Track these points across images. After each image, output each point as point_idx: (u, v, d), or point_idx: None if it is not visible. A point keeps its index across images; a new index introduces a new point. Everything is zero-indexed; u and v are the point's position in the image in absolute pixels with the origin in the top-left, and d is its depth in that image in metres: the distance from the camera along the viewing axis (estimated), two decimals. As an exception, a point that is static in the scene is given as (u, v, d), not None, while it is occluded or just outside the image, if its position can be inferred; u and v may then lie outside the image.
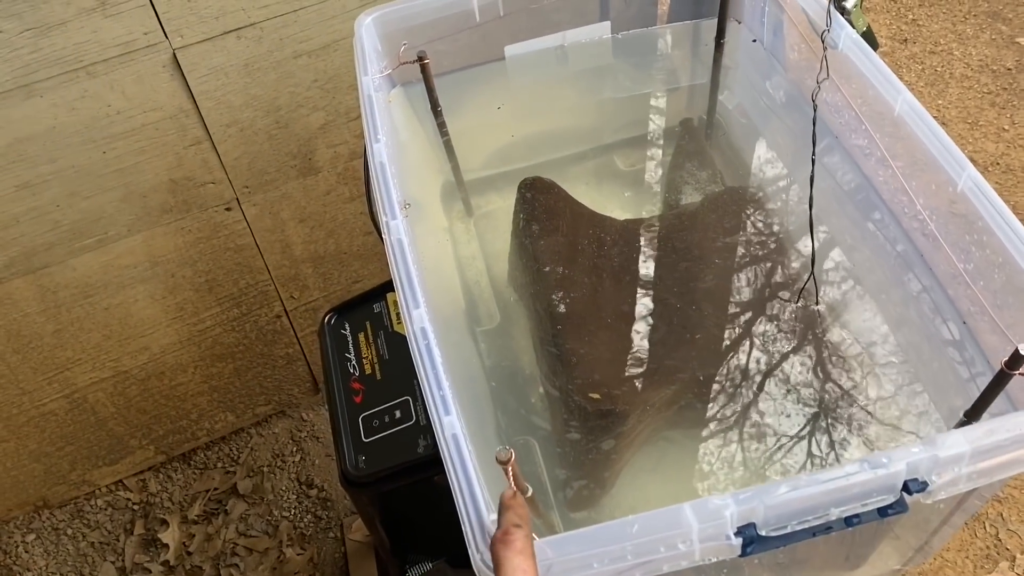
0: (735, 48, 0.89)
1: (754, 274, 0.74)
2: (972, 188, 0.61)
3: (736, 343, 0.71)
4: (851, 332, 0.73)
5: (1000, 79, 2.26)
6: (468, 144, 0.92)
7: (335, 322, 0.82)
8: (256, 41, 1.03)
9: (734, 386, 0.70)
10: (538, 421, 0.76)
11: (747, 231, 0.77)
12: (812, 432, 0.70)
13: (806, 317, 0.72)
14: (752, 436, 0.70)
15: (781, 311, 0.73)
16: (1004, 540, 1.48)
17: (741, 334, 0.72)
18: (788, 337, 0.72)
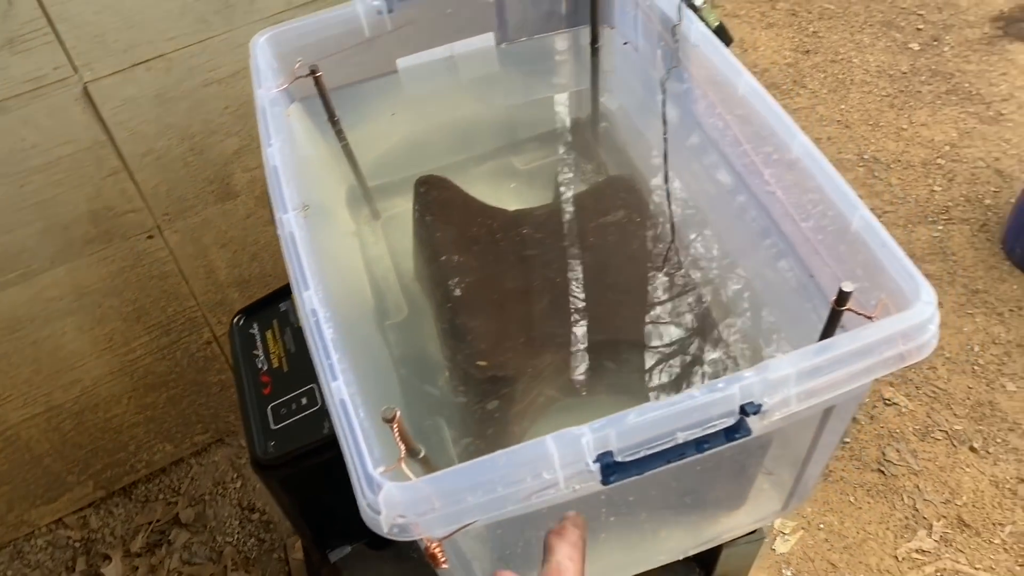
0: (610, 52, 0.97)
1: (629, 248, 0.81)
2: (804, 153, 0.68)
3: (615, 310, 0.77)
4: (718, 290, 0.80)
5: (897, 82, 2.40)
6: (371, 153, 0.98)
7: (243, 323, 0.86)
8: (166, 72, 1.08)
9: (617, 349, 0.76)
10: (444, 400, 0.81)
11: (622, 211, 0.83)
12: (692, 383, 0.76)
13: (676, 281, 0.79)
14: (640, 393, 0.76)
15: (653, 278, 0.79)
16: (921, 510, 1.55)
17: (617, 302, 0.78)
18: (663, 301, 0.78)
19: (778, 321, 0.77)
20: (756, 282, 0.80)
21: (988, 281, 1.93)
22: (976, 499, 1.56)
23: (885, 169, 2.18)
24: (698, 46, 0.80)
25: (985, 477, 1.59)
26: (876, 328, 0.56)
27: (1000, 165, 2.15)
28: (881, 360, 0.56)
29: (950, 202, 2.09)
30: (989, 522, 1.53)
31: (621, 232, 0.81)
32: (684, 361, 0.76)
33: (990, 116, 2.28)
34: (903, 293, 0.59)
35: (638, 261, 0.80)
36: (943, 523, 1.54)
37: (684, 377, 0.76)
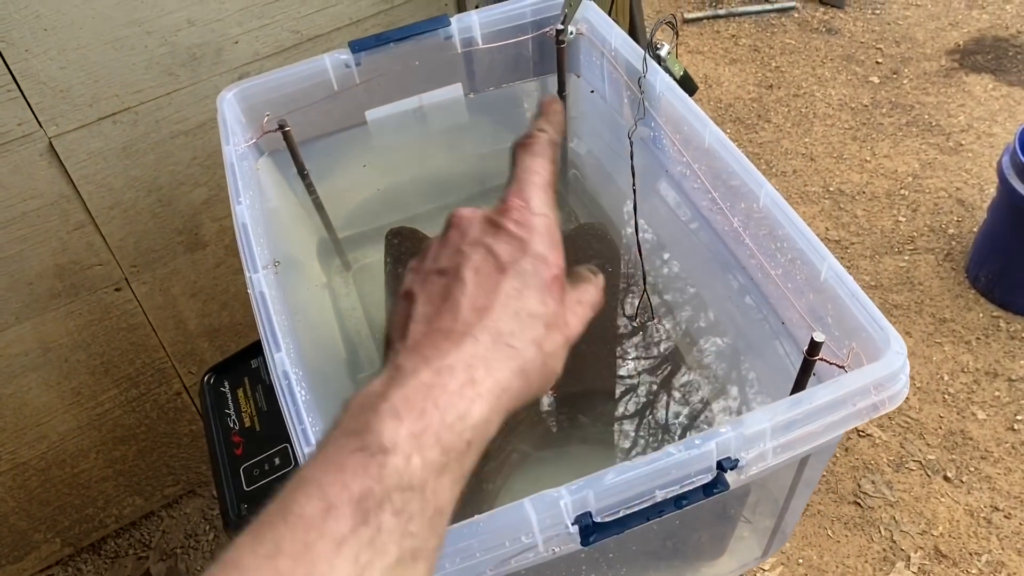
0: (578, 100, 0.98)
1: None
2: (771, 202, 0.69)
3: (588, 362, 0.77)
4: (693, 341, 0.80)
5: (859, 115, 2.45)
6: (341, 204, 0.98)
7: (214, 381, 0.85)
8: (132, 125, 1.08)
9: (591, 401, 0.76)
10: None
11: (594, 260, 0.84)
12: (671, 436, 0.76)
13: (650, 332, 0.79)
14: (617, 445, 0.76)
15: (627, 329, 0.79)
16: (898, 541, 1.56)
17: (591, 354, 0.78)
18: (636, 352, 0.78)
19: (752, 368, 0.77)
20: (729, 330, 0.80)
21: (955, 310, 1.96)
22: (952, 529, 1.57)
23: (850, 201, 2.22)
24: (663, 96, 0.81)
25: (960, 506, 1.60)
26: (849, 379, 0.56)
27: (962, 195, 2.20)
28: (855, 411, 0.57)
29: (915, 232, 2.12)
30: (966, 552, 1.54)
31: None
32: (658, 412, 0.76)
33: (950, 147, 2.33)
34: (873, 342, 0.60)
35: (611, 311, 0.80)
36: (920, 554, 1.54)
37: (659, 428, 0.76)
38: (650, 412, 0.76)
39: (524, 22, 0.92)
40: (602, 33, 0.89)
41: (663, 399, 0.77)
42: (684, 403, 0.76)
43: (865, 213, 2.18)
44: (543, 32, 0.93)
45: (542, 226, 0.41)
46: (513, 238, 0.39)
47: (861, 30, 2.75)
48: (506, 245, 0.39)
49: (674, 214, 0.86)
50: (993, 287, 1.94)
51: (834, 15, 2.82)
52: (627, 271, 0.85)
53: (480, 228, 0.40)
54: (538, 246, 0.39)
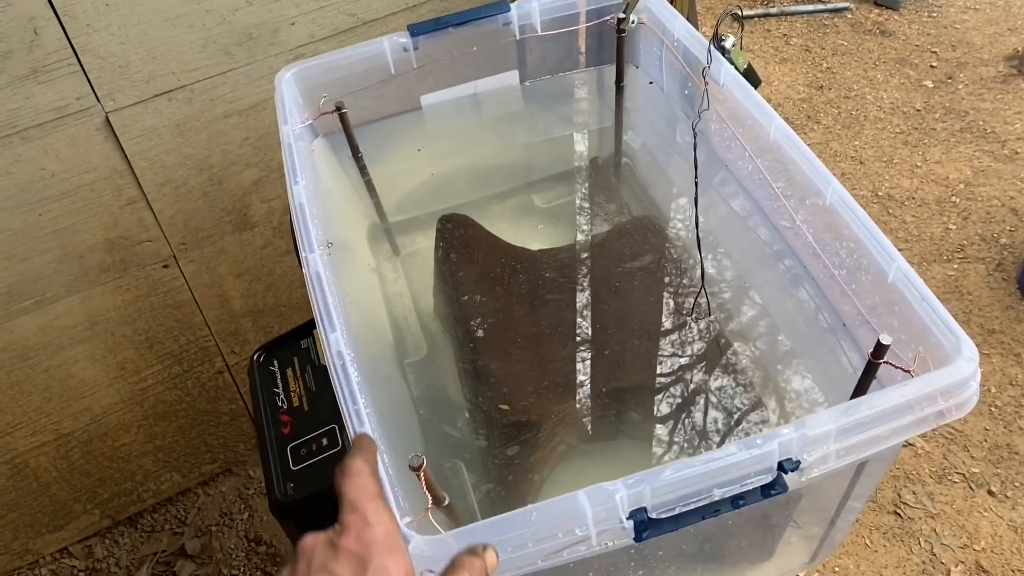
0: (635, 91, 0.96)
1: (653, 293, 0.80)
2: (838, 200, 0.67)
3: (639, 357, 0.76)
4: (747, 339, 0.79)
5: (911, 120, 2.40)
6: (392, 189, 0.98)
7: (263, 360, 0.85)
8: (187, 102, 1.08)
9: (641, 397, 0.75)
10: (464, 441, 0.80)
11: (648, 254, 0.82)
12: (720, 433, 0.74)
13: (704, 328, 0.78)
14: (666, 441, 0.75)
15: (680, 325, 0.78)
16: (939, 554, 1.53)
17: (643, 348, 0.77)
18: (689, 348, 0.77)
19: (808, 369, 0.75)
20: (785, 329, 0.78)
21: (1004, 321, 1.91)
22: (995, 544, 1.54)
23: (899, 206, 2.18)
24: (727, 88, 0.80)
25: (1003, 522, 1.56)
26: (917, 384, 0.54)
27: (1015, 204, 2.14)
28: (921, 417, 0.55)
29: (965, 241, 2.08)
30: (1008, 568, 1.50)
31: (647, 276, 0.80)
32: (709, 410, 0.75)
33: (1005, 155, 2.27)
34: (942, 348, 0.58)
35: (665, 307, 0.79)
36: (961, 568, 1.51)
37: (709, 426, 0.74)
38: (700, 409, 0.75)
39: (584, 10, 0.91)
40: (664, 23, 0.87)
41: (714, 397, 0.76)
42: (735, 401, 0.75)
43: (914, 219, 2.14)
44: (603, 21, 0.92)
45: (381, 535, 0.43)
46: (353, 556, 0.42)
47: (916, 33, 2.69)
48: (347, 565, 0.41)
49: (731, 209, 0.85)
50: (1046, 299, 1.89)
51: (888, 16, 2.77)
52: (680, 265, 0.84)
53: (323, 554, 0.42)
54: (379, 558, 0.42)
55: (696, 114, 0.77)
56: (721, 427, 0.74)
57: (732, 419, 0.74)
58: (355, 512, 0.44)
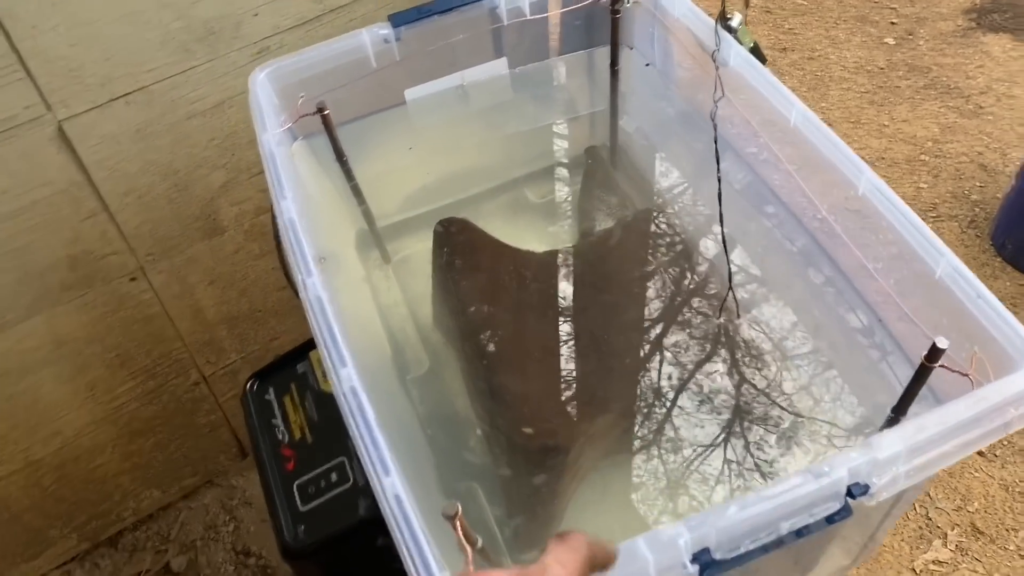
0: (629, 73, 0.91)
1: (673, 294, 0.76)
2: (872, 190, 0.64)
3: (663, 365, 0.72)
4: (774, 340, 0.75)
5: (875, 78, 2.38)
6: (378, 190, 0.92)
7: (257, 388, 0.79)
8: (146, 105, 1.00)
9: (667, 408, 0.71)
10: (479, 464, 0.75)
11: (661, 252, 0.78)
12: (752, 442, 0.70)
13: (729, 331, 0.74)
14: (693, 454, 0.71)
15: (704, 328, 0.74)
16: (934, 519, 1.53)
17: (667, 356, 0.72)
18: (714, 353, 0.73)
19: (842, 373, 0.72)
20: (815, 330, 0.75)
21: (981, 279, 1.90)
22: (988, 504, 1.54)
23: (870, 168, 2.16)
24: (737, 71, 0.75)
25: (994, 481, 1.57)
26: (985, 395, 0.51)
27: (983, 160, 2.14)
28: (991, 430, 0.52)
29: (937, 199, 2.07)
30: (1003, 528, 1.51)
31: (662, 276, 0.76)
32: (740, 417, 0.71)
33: (970, 110, 2.27)
34: (1001, 349, 0.55)
35: (686, 309, 0.75)
36: (957, 531, 1.51)
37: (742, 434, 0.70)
38: (729, 416, 0.71)
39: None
40: (662, 3, 0.82)
41: (743, 401, 0.72)
42: (765, 406, 0.71)
43: (886, 180, 2.11)
44: (595, 1, 0.86)
45: None
46: None
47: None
48: None
49: (743, 199, 0.80)
50: (1020, 255, 1.90)
51: (847, -27, 2.74)
52: (694, 262, 0.79)
53: None
54: None
55: (713, 104, 0.73)
56: (754, 434, 0.70)
57: (765, 425, 0.70)
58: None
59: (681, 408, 0.72)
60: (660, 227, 0.81)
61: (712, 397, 0.72)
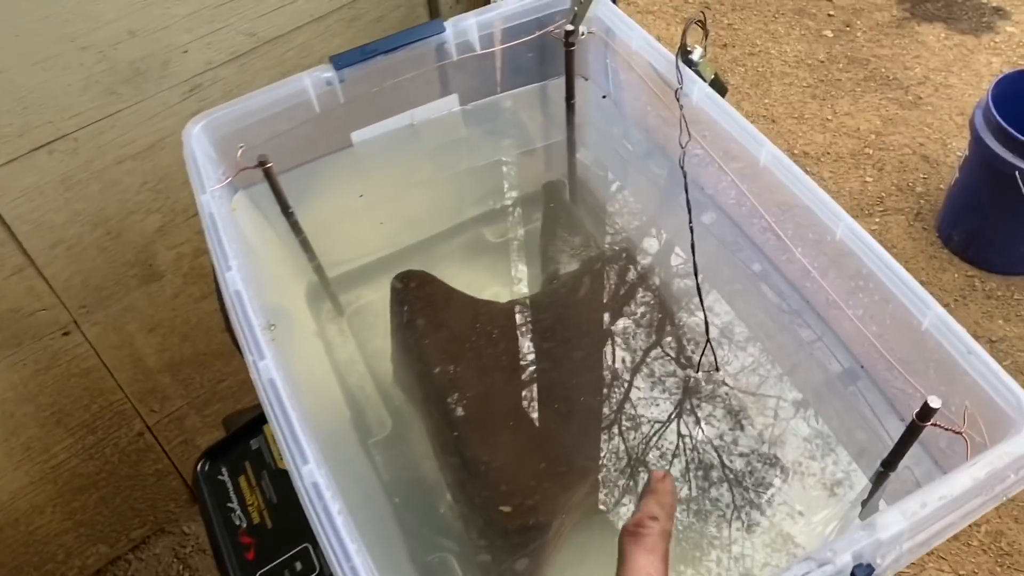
0: (586, 106, 0.87)
1: (648, 347, 0.72)
2: (850, 236, 0.61)
3: (641, 423, 0.69)
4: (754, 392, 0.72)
5: (816, 72, 2.39)
6: (328, 237, 0.86)
7: (209, 468, 0.73)
8: (71, 153, 0.93)
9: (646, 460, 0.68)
10: (451, 533, 0.71)
11: (633, 299, 0.75)
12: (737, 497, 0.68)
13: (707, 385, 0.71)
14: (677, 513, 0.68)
15: (681, 382, 0.71)
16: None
17: (648, 415, 0.69)
18: (693, 409, 0.70)
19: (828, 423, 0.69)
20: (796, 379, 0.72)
21: (930, 272, 1.94)
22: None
23: (816, 163, 2.17)
24: (700, 107, 0.72)
25: (954, 477, 1.58)
26: (986, 463, 0.49)
27: (925, 151, 2.17)
28: (991, 497, 0.50)
29: (883, 192, 2.09)
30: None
31: (635, 324, 0.73)
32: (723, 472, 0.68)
33: (909, 101, 2.29)
34: (996, 407, 0.53)
35: (666, 361, 0.71)
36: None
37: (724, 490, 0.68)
38: (711, 472, 0.68)
39: (526, 21, 0.81)
40: (618, 33, 0.79)
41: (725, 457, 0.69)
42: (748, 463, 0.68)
43: (832, 175, 2.14)
44: (546, 32, 0.82)
45: None
46: None
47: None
48: None
49: (711, 239, 0.77)
50: (967, 247, 1.93)
51: (782, -34, 2.74)
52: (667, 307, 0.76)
53: None
54: None
55: (680, 148, 0.69)
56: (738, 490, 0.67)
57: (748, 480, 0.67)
58: None
59: (661, 466, 0.68)
60: (629, 271, 0.78)
61: (692, 453, 0.69)
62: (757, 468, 0.67)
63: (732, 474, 0.66)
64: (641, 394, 0.70)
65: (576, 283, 0.76)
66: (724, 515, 0.66)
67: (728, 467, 0.67)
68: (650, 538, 0.39)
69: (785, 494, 0.66)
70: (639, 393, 0.70)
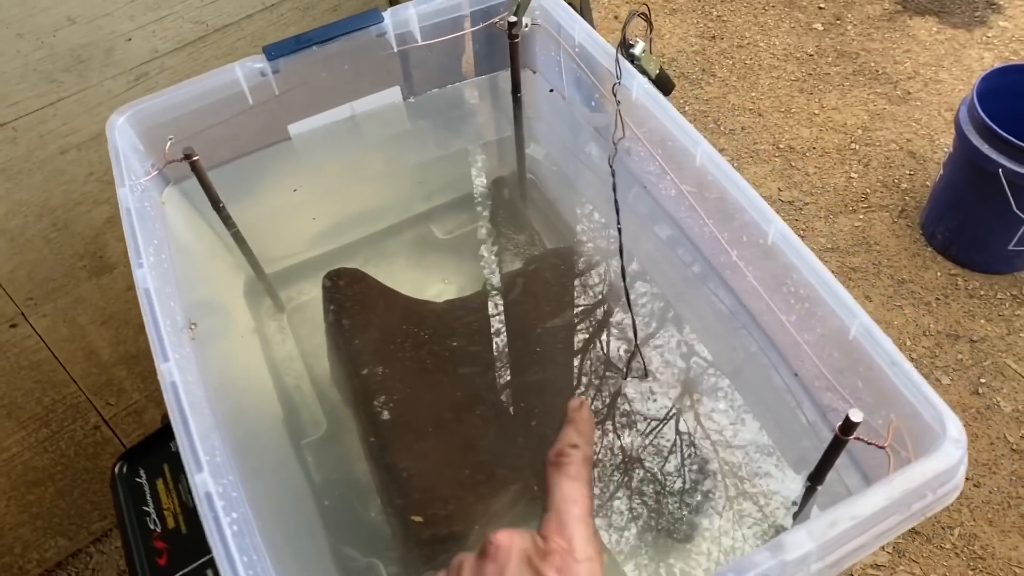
0: (535, 99, 0.85)
1: (582, 349, 0.70)
2: (781, 239, 0.59)
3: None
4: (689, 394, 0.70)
5: (804, 65, 2.36)
6: (268, 233, 0.84)
7: (127, 470, 0.72)
8: (11, 143, 0.91)
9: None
10: (381, 538, 0.69)
11: (568, 302, 0.73)
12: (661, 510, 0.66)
13: (641, 387, 0.69)
14: (605, 523, 0.66)
15: (613, 386, 0.69)
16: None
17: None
18: (623, 414, 0.68)
19: (764, 428, 0.67)
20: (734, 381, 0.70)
21: (912, 270, 1.91)
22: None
23: (801, 158, 2.14)
24: (641, 103, 0.70)
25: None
26: (900, 482, 0.47)
27: (912, 147, 2.14)
28: (907, 516, 0.47)
29: (868, 188, 2.06)
30: (939, 526, 1.51)
31: (571, 327, 0.71)
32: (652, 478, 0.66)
33: (898, 96, 2.26)
34: (921, 420, 0.51)
35: (599, 365, 0.69)
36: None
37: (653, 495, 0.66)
38: (640, 478, 0.66)
39: (469, 12, 0.79)
40: (562, 25, 0.76)
41: (654, 463, 0.67)
42: (681, 468, 0.66)
43: (817, 170, 2.11)
44: (491, 24, 0.80)
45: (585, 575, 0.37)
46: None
47: (802, -27, 2.64)
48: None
49: (656, 236, 0.75)
50: (950, 244, 1.90)
51: (774, -42, 2.71)
52: (607, 308, 0.74)
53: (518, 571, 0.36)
54: None
55: (611, 145, 0.67)
56: (666, 498, 0.65)
57: (680, 487, 0.65)
58: (562, 534, 0.37)
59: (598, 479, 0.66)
60: (568, 270, 0.75)
61: (622, 462, 0.67)
62: (690, 477, 0.65)
63: (663, 484, 0.64)
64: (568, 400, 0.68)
65: (510, 285, 0.74)
66: (653, 525, 0.64)
67: (659, 477, 0.65)
68: (572, 465, 0.40)
69: (717, 504, 0.64)
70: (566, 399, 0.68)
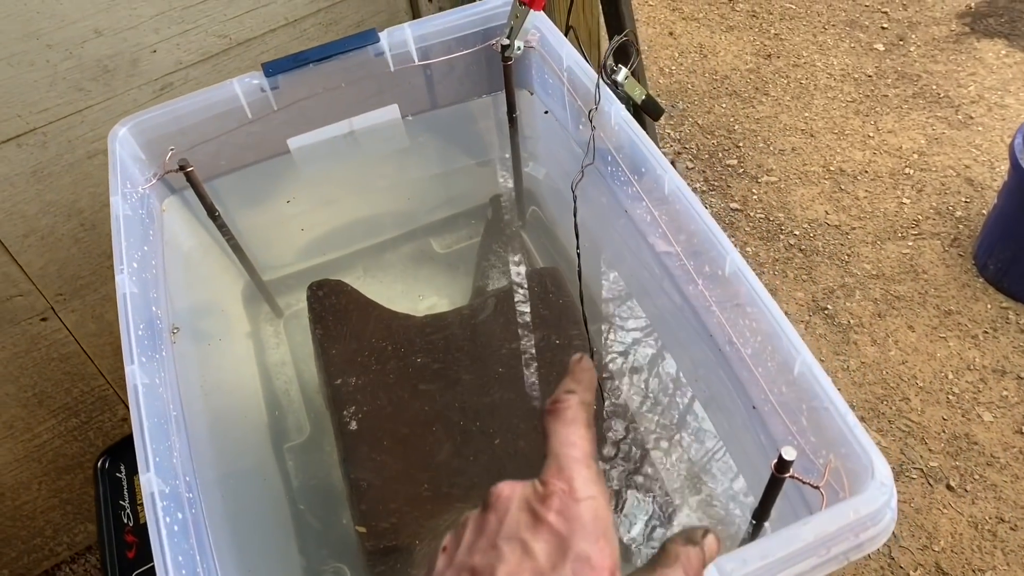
0: (533, 119, 0.86)
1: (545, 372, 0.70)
2: (736, 272, 0.58)
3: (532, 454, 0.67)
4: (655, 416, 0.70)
5: (862, 87, 2.31)
6: (269, 242, 0.87)
7: (109, 466, 0.75)
8: (41, 147, 0.96)
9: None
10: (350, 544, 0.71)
11: (541, 322, 0.73)
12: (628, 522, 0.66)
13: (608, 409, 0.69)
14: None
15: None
16: (897, 558, 1.47)
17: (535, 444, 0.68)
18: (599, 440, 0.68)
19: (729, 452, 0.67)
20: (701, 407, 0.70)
21: (961, 301, 1.84)
22: (955, 543, 1.48)
23: (852, 181, 2.09)
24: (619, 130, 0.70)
25: (963, 518, 1.51)
26: (830, 518, 0.46)
27: (970, 173, 2.07)
28: (828, 559, 0.47)
29: (920, 215, 2.00)
30: (969, 568, 1.45)
31: (542, 349, 0.71)
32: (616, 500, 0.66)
33: (959, 120, 2.19)
34: (856, 459, 0.50)
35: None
36: (920, 572, 1.46)
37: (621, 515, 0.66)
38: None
39: (468, 33, 0.80)
40: (555, 48, 0.77)
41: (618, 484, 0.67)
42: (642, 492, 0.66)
43: (867, 194, 2.06)
44: (488, 45, 0.81)
45: (588, 514, 0.36)
46: (554, 534, 0.35)
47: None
48: (545, 544, 0.35)
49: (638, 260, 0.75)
50: (1003, 276, 1.83)
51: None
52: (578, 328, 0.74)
53: (518, 517, 0.36)
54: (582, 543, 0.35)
55: (579, 170, 0.68)
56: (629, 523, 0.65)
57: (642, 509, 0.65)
58: (561, 476, 0.37)
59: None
60: (551, 291, 0.76)
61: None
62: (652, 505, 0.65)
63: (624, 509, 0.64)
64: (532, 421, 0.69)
65: (483, 304, 0.74)
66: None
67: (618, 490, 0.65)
68: (569, 410, 0.39)
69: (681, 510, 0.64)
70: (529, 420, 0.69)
